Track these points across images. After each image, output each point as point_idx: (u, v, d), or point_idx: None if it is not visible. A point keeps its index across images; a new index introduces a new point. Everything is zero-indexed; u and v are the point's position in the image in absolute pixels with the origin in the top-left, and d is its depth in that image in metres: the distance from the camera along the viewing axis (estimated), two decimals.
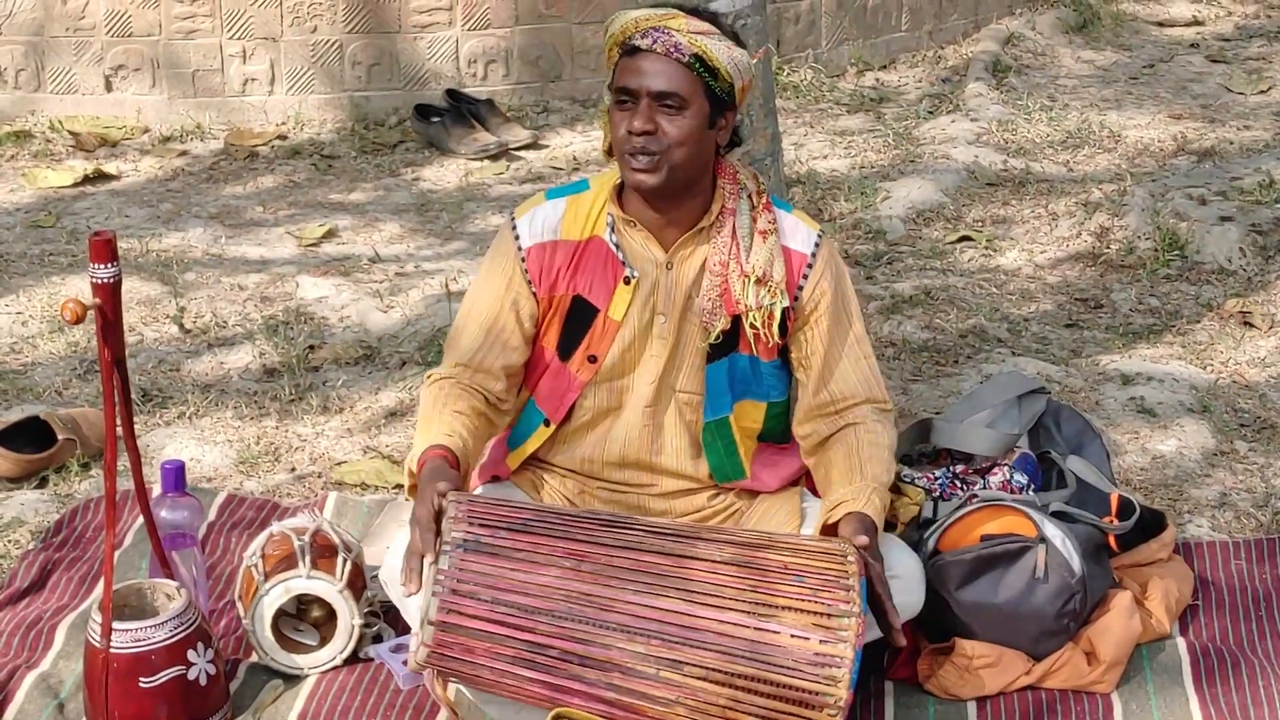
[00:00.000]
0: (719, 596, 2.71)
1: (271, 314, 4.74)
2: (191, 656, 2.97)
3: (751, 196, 3.05)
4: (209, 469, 3.95)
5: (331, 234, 5.37)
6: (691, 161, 2.95)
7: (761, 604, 2.70)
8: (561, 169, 5.93)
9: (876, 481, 2.97)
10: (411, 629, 2.99)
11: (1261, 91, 6.71)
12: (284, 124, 6.30)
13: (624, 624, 2.69)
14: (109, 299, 2.89)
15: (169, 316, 4.70)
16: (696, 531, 2.82)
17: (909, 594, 2.99)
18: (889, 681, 3.14)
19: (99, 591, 3.11)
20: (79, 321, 2.82)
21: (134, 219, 5.53)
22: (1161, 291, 4.86)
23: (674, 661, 2.68)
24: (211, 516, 3.69)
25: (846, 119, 6.40)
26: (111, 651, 2.93)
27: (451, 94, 6.22)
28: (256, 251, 5.25)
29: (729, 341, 3.05)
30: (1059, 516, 3.18)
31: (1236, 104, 6.57)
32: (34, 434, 3.96)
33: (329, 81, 6.32)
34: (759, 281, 3.01)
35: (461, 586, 2.69)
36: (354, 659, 3.19)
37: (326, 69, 6.31)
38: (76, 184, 5.82)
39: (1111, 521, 3.24)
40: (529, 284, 3.06)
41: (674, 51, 2.90)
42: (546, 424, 3.12)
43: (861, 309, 3.18)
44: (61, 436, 3.93)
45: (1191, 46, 7.41)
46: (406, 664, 3.07)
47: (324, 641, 3.19)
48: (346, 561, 3.16)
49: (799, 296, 3.06)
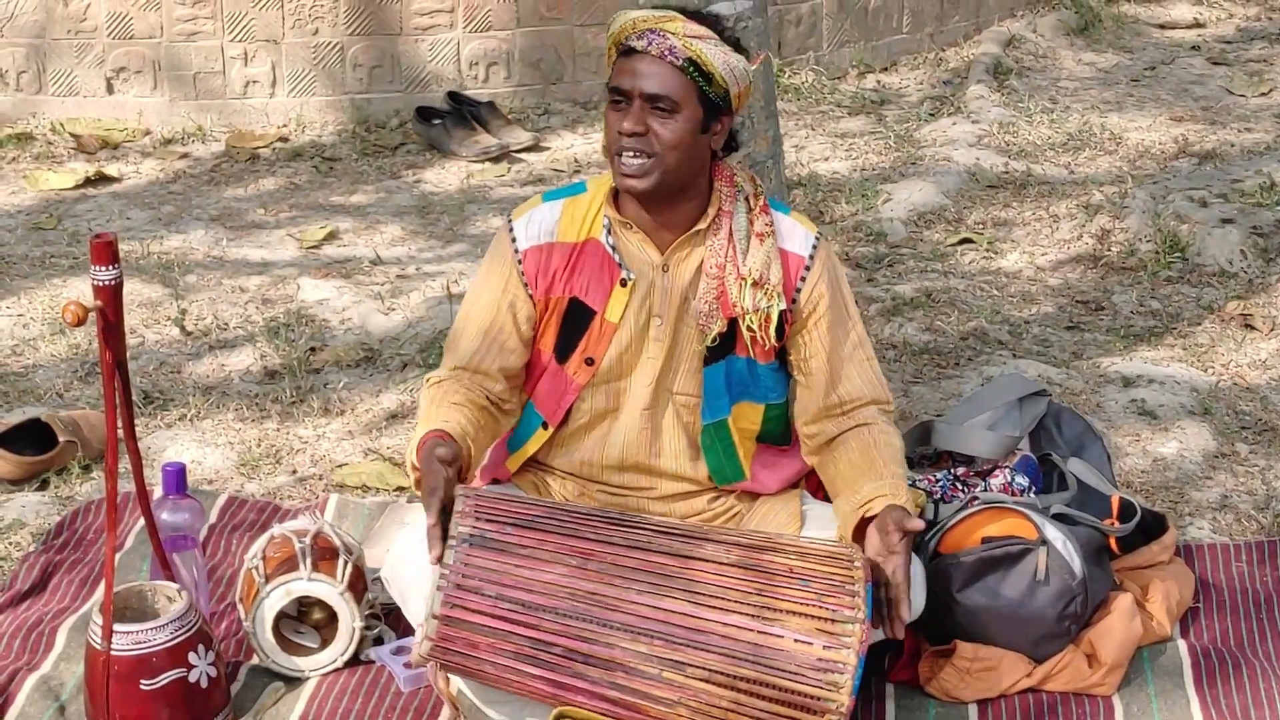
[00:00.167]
0: (724, 599, 2.71)
1: (273, 316, 4.74)
2: (192, 659, 2.97)
3: (749, 199, 3.05)
4: (210, 471, 3.95)
5: (333, 236, 5.37)
6: (683, 166, 2.94)
7: (766, 607, 2.70)
8: (563, 171, 5.93)
9: (904, 480, 2.98)
10: (413, 626, 2.99)
11: (1263, 94, 6.70)
12: (285, 126, 6.30)
13: (628, 623, 2.69)
14: (110, 301, 2.89)
15: (170, 319, 4.69)
16: (704, 532, 2.82)
17: (911, 596, 2.98)
18: (890, 683, 3.14)
19: (100, 594, 3.11)
20: (80, 324, 2.82)
21: (135, 221, 5.53)
22: (1162, 294, 4.86)
23: (677, 662, 2.68)
24: (212, 519, 3.69)
25: (848, 121, 6.39)
26: (112, 654, 2.93)
27: (453, 96, 6.22)
28: (258, 254, 5.25)
29: (726, 344, 3.05)
30: (1060, 519, 3.18)
31: (1238, 106, 6.56)
32: (35, 436, 3.96)
33: (330, 84, 6.32)
34: (755, 284, 3.00)
35: (467, 581, 2.70)
36: (355, 661, 3.19)
37: (328, 71, 6.31)
38: (78, 186, 5.82)
39: (1112, 524, 3.24)
40: (525, 286, 3.06)
41: (668, 55, 2.89)
42: (545, 426, 3.12)
43: (862, 311, 3.18)
44: (62, 439, 3.92)
45: (1193, 49, 7.40)
46: (408, 664, 3.07)
47: (325, 644, 3.19)
48: (347, 564, 3.16)
49: (796, 299, 3.06)
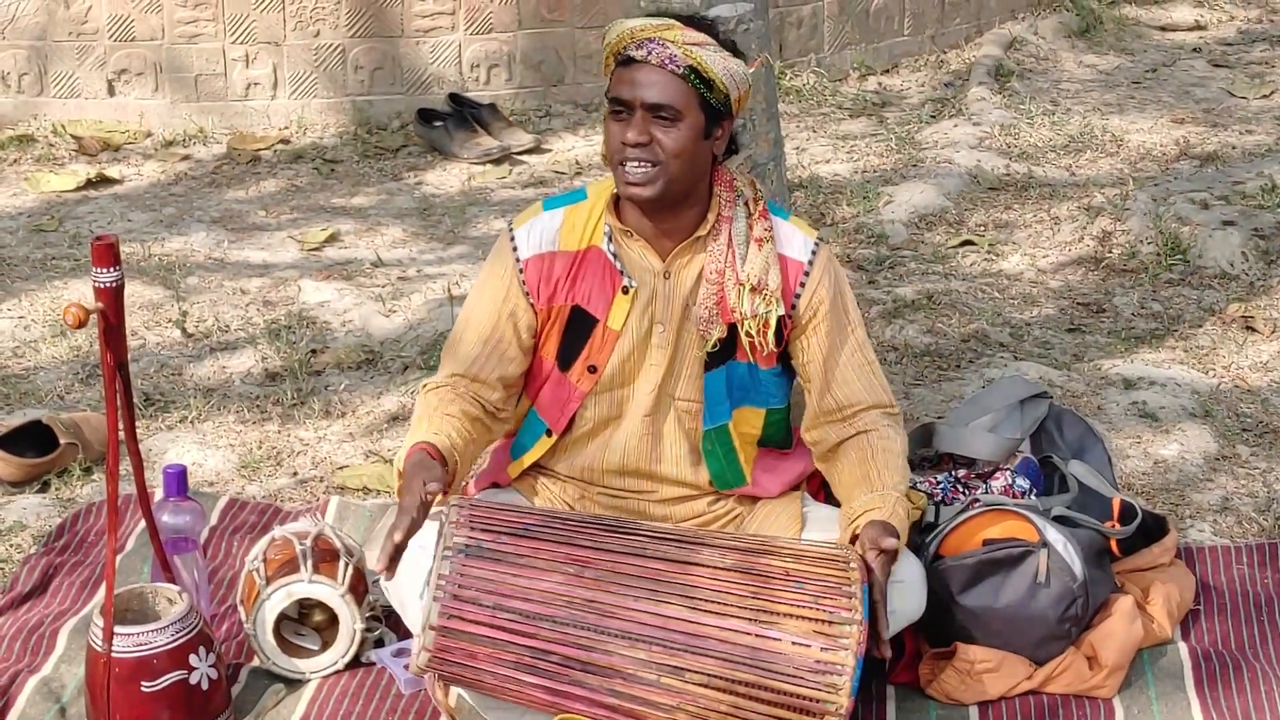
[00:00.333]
0: (721, 603, 2.71)
1: (274, 318, 4.74)
2: (193, 661, 2.97)
3: (748, 204, 3.04)
4: (211, 473, 3.95)
5: (334, 238, 5.37)
6: (687, 172, 2.94)
7: (763, 610, 2.70)
8: (564, 173, 5.93)
9: (897, 491, 2.97)
10: (413, 633, 2.99)
11: (1264, 96, 6.70)
12: (286, 128, 6.30)
13: (626, 630, 2.69)
14: (111, 303, 2.89)
15: (171, 320, 4.70)
16: (699, 537, 2.82)
17: (911, 598, 2.98)
18: (890, 686, 3.14)
19: (101, 596, 3.11)
20: (81, 326, 2.82)
21: (136, 223, 5.53)
22: (1163, 296, 4.86)
23: (675, 668, 2.68)
24: (213, 521, 3.69)
25: (849, 123, 6.39)
26: (113, 656, 2.93)
27: (454, 98, 6.22)
28: (259, 256, 5.25)
29: (726, 349, 3.05)
30: (1061, 521, 3.18)
31: (1239, 108, 6.56)
32: (36, 438, 3.96)
33: (331, 86, 6.33)
34: (754, 289, 3.00)
35: (463, 592, 2.70)
36: (356, 663, 3.19)
37: (329, 73, 6.31)
38: (79, 188, 5.82)
39: (1113, 526, 3.24)
40: (526, 296, 3.05)
41: (669, 63, 2.88)
42: (549, 434, 3.11)
43: (863, 314, 3.18)
44: (63, 441, 3.92)
45: (1194, 51, 7.40)
46: (408, 668, 3.07)
47: (326, 646, 3.19)
48: (348, 566, 3.16)
49: (796, 304, 3.06)
